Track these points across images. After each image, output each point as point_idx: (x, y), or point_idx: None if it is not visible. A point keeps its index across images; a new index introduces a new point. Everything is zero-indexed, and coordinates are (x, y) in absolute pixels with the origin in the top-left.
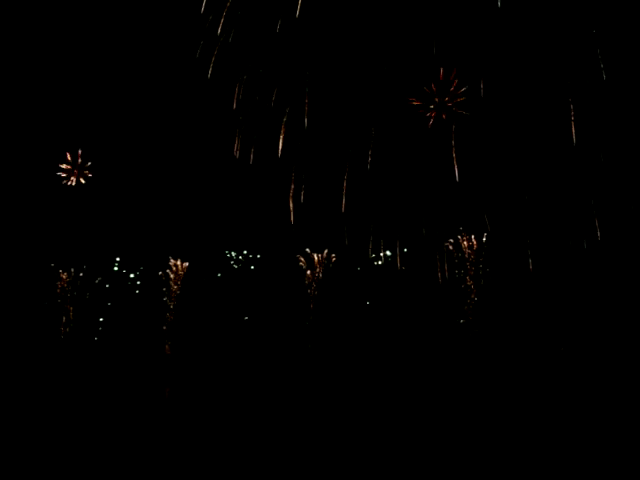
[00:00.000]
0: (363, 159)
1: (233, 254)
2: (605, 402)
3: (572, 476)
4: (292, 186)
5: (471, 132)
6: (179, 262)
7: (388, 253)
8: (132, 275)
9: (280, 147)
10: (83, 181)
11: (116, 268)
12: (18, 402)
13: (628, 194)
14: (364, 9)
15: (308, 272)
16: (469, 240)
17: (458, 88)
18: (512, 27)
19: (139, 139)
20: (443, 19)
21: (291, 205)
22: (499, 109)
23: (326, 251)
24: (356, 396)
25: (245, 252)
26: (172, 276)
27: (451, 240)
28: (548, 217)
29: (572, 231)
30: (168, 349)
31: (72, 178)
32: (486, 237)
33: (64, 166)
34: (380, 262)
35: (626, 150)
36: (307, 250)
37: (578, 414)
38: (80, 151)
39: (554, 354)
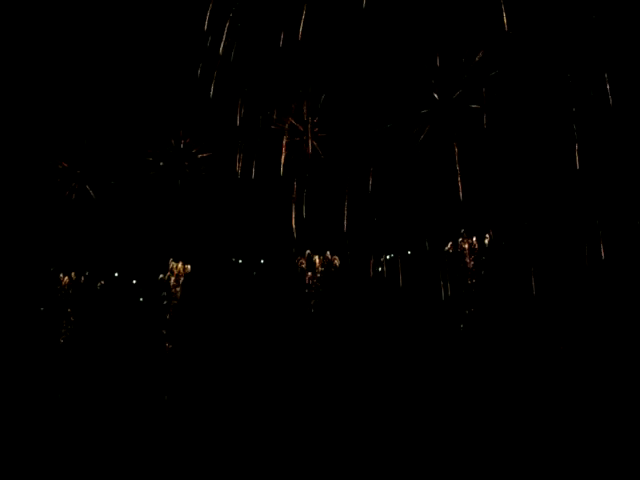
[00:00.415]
0: (364, 176)
1: (233, 259)
2: (605, 402)
3: (572, 476)
4: (293, 205)
5: (475, 148)
6: (180, 265)
7: (388, 257)
8: (133, 279)
9: (282, 165)
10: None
11: (117, 273)
12: (19, 406)
13: (633, 213)
14: (367, 27)
15: (309, 274)
16: (471, 244)
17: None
18: (519, 47)
19: (141, 150)
20: (447, 39)
21: (293, 224)
22: (503, 127)
23: (328, 252)
24: (358, 397)
25: (247, 258)
26: (173, 279)
27: (451, 243)
28: (551, 233)
29: (575, 249)
30: (168, 348)
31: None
32: (488, 240)
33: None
34: (381, 268)
35: (631, 170)
36: (308, 252)
37: (578, 414)
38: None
39: (554, 353)
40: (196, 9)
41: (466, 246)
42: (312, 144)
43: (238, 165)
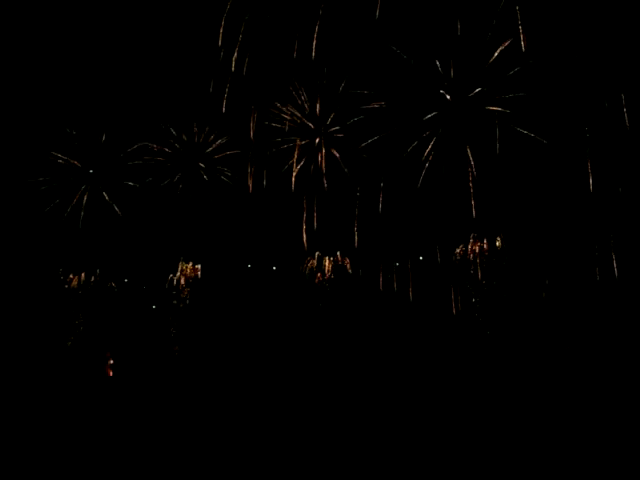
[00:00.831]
0: (375, 192)
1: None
2: (607, 404)
3: (573, 476)
4: (304, 216)
5: (488, 153)
6: (190, 265)
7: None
8: (143, 280)
9: (293, 181)
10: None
11: (127, 274)
12: (24, 408)
13: None
14: (378, 46)
15: (318, 274)
16: (481, 247)
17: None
18: (536, 69)
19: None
20: (462, 60)
21: (304, 237)
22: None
23: (339, 253)
24: (361, 400)
25: (258, 263)
26: (183, 280)
27: (462, 246)
28: (565, 250)
29: (589, 267)
30: (176, 351)
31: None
32: (500, 241)
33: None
34: (389, 276)
35: None
36: (318, 253)
37: (581, 416)
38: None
39: (559, 355)
40: (210, 23)
41: (476, 249)
42: (325, 152)
43: (250, 171)
